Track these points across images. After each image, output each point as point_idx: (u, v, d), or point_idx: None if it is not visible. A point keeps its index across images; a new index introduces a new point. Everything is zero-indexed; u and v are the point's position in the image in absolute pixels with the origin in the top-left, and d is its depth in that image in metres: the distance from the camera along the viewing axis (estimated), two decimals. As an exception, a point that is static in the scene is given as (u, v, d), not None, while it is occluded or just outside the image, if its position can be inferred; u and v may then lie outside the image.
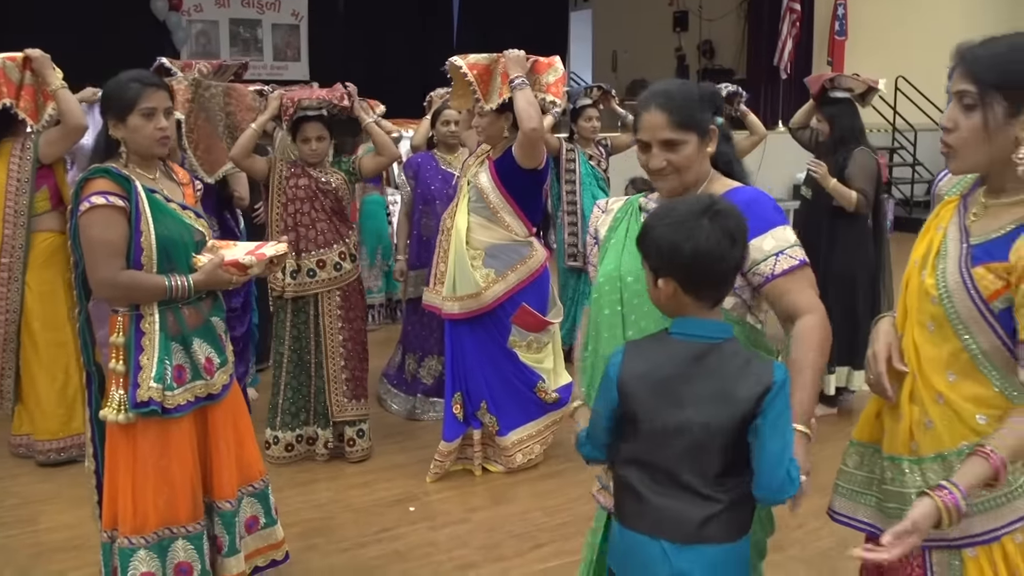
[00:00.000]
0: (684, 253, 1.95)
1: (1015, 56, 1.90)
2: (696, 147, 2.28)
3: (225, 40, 15.65)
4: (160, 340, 3.02)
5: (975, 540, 1.95)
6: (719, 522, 1.98)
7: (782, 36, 13.63)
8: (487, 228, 4.61)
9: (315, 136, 4.75)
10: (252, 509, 3.39)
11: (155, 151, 3.10)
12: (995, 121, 1.86)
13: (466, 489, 4.62)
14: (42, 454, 4.86)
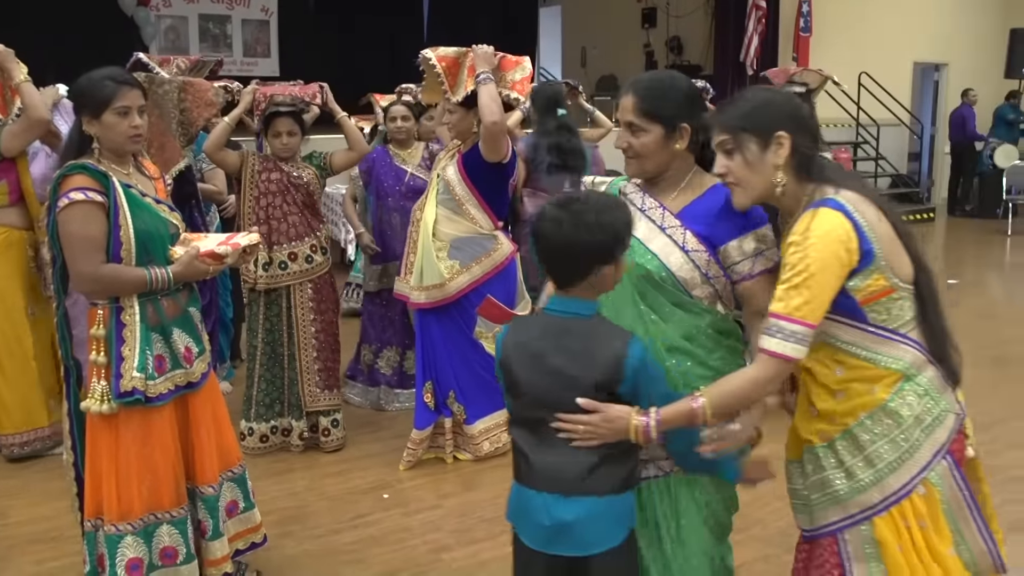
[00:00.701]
0: (538, 241, 2.28)
1: (746, 103, 2.23)
2: (659, 138, 2.38)
3: (194, 36, 15.62)
4: (141, 331, 3.10)
5: (892, 500, 2.15)
6: (597, 476, 2.20)
7: (748, 33, 13.82)
8: (453, 220, 4.71)
9: (286, 131, 4.84)
10: (232, 494, 3.48)
11: (128, 148, 3.17)
12: (751, 156, 2.19)
13: (438, 476, 4.73)
14: (6, 448, 4.87)
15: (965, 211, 15.21)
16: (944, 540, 2.16)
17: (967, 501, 2.19)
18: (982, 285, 10.42)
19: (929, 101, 16.99)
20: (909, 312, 2.19)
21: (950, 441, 2.19)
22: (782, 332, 2.05)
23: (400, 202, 5.57)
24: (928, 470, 2.15)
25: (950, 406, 2.22)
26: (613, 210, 2.23)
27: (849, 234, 2.08)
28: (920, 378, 2.19)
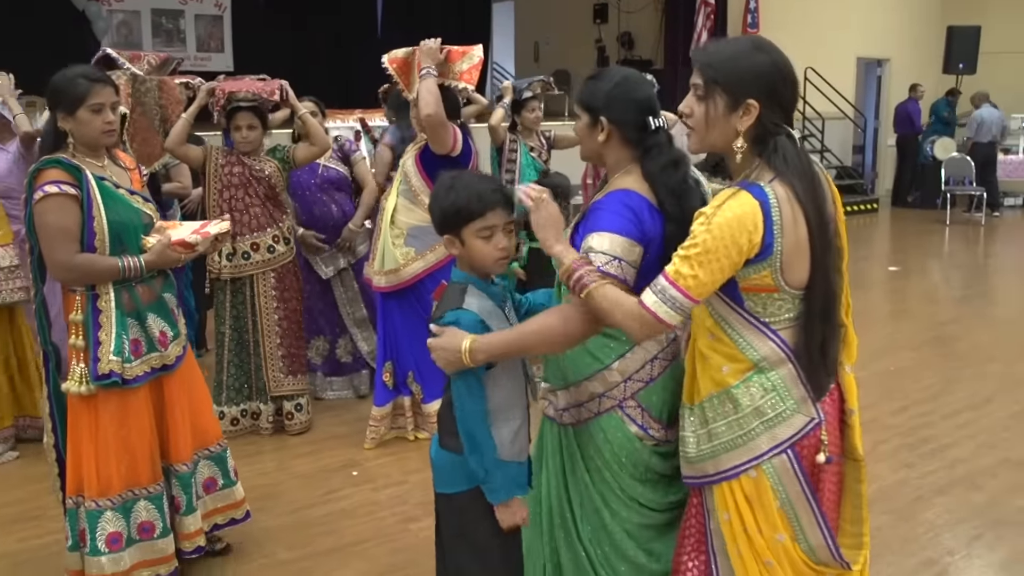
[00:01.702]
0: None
1: (735, 59, 2.21)
2: (585, 127, 2.52)
3: (147, 31, 15.51)
4: (116, 316, 3.28)
5: (725, 475, 2.28)
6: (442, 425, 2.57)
7: (697, 28, 14.13)
8: (410, 210, 4.90)
9: (246, 125, 5.01)
10: (210, 471, 3.67)
11: (103, 142, 3.34)
12: (715, 111, 2.20)
13: (403, 455, 4.93)
14: None
15: (908, 202, 15.65)
16: (770, 525, 2.25)
17: (807, 496, 2.25)
18: (922, 272, 10.80)
19: (873, 95, 17.40)
20: (787, 313, 2.22)
21: (796, 441, 2.23)
22: (664, 294, 2.11)
23: (317, 194, 5.73)
24: (763, 460, 2.23)
25: (800, 408, 2.24)
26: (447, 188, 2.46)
27: (757, 225, 2.10)
28: (772, 374, 2.23)
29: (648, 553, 2.54)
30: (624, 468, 2.51)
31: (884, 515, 4.12)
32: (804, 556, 2.27)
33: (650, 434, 2.49)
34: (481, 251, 2.43)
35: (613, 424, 2.49)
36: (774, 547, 2.26)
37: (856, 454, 2.34)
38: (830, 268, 2.19)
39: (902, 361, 6.64)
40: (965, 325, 7.91)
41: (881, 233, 13.86)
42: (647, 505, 2.54)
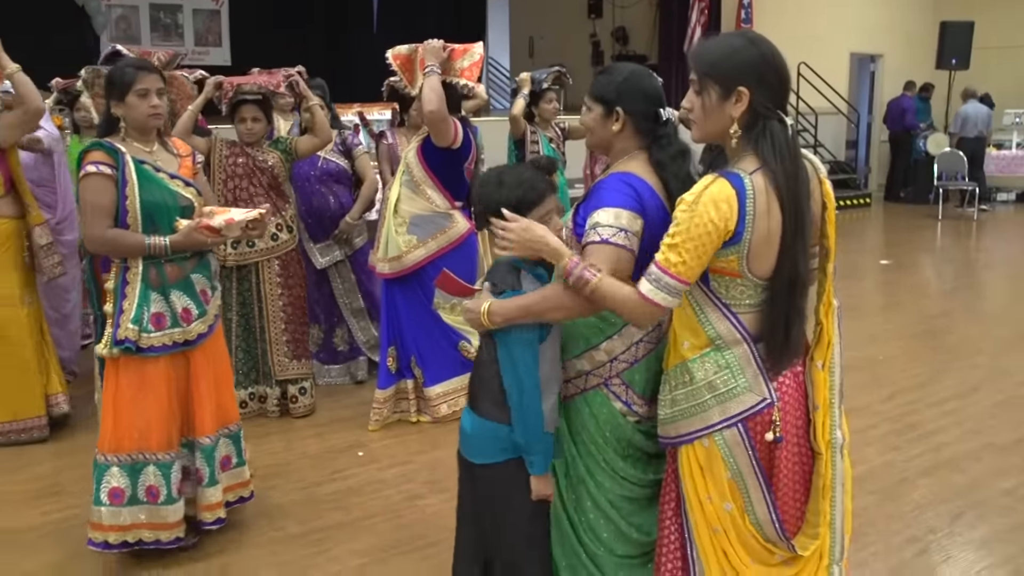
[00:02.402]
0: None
1: (723, 51, 2.36)
2: (599, 117, 2.66)
3: (146, 25, 15.65)
4: (140, 289, 3.54)
5: (683, 439, 2.44)
6: (479, 396, 2.70)
7: (691, 23, 14.31)
8: (412, 199, 5.08)
9: (251, 117, 5.16)
10: (227, 449, 3.86)
11: (150, 125, 3.61)
12: (710, 101, 2.36)
13: (407, 437, 5.09)
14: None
15: (900, 197, 15.84)
16: (720, 494, 2.40)
17: (756, 471, 2.38)
18: (914, 266, 10.96)
19: (866, 91, 17.57)
20: (748, 300, 2.35)
21: (746, 417, 2.36)
22: (659, 282, 2.26)
23: (315, 186, 5.86)
24: (713, 430, 2.38)
25: (752, 387, 2.35)
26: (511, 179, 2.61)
27: (732, 211, 2.23)
28: (727, 352, 2.36)
29: (629, 524, 2.69)
30: (608, 442, 2.66)
31: (870, 495, 4.28)
32: (752, 529, 2.41)
33: (633, 410, 2.64)
34: None
35: (598, 400, 2.65)
36: (722, 516, 2.41)
37: (817, 447, 2.43)
38: (798, 255, 2.30)
39: (891, 351, 6.80)
40: (954, 318, 8.08)
41: (873, 227, 14.03)
42: (629, 479, 2.68)
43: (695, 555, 2.48)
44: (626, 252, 2.47)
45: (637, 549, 2.71)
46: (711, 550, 2.44)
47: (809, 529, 2.47)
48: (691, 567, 2.50)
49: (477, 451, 2.71)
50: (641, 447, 2.68)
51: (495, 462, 2.66)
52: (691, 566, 2.50)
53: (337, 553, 3.81)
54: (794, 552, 2.43)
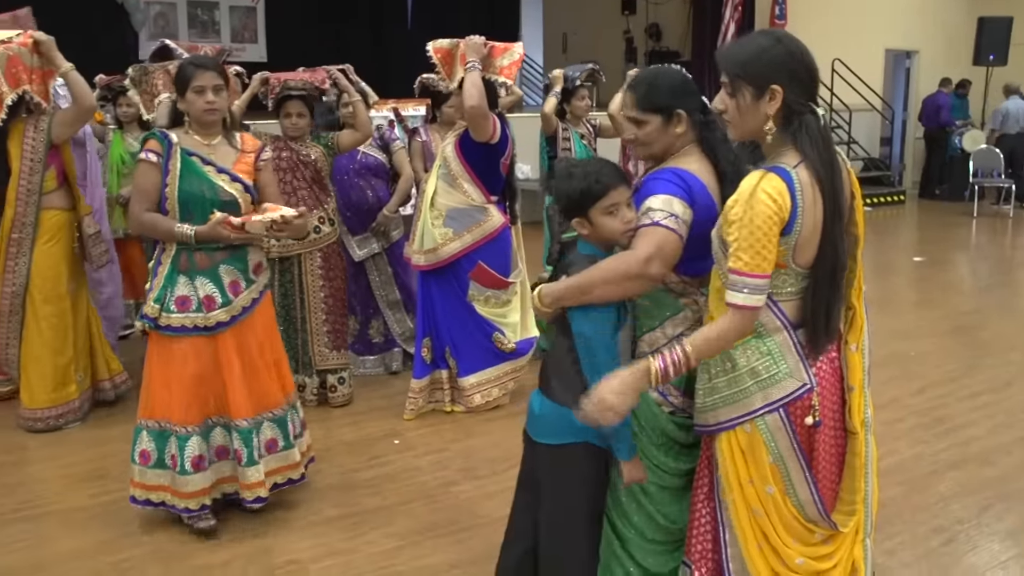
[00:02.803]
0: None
1: (752, 52, 2.43)
2: (659, 127, 2.73)
3: (183, 22, 15.86)
4: (168, 271, 3.82)
5: (723, 426, 2.52)
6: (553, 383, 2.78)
7: (725, 20, 14.28)
8: (449, 192, 5.20)
9: (296, 112, 5.29)
10: (272, 432, 4.00)
11: (206, 119, 3.84)
12: (745, 102, 2.44)
13: (442, 427, 5.21)
14: (29, 421, 5.12)
15: (935, 194, 15.75)
16: (761, 477, 2.49)
17: (797, 454, 2.47)
18: (948, 263, 10.94)
19: (901, 87, 17.47)
20: (789, 287, 2.44)
21: (787, 402, 2.45)
22: (747, 287, 2.33)
23: (353, 179, 5.97)
24: (756, 416, 2.46)
25: (793, 373, 2.46)
26: (581, 171, 2.68)
27: (786, 202, 2.32)
28: (768, 340, 2.44)
29: (660, 513, 2.78)
30: (643, 431, 2.74)
31: (898, 486, 4.33)
32: (794, 510, 2.50)
33: (669, 400, 2.72)
34: (609, 227, 2.64)
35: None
36: (764, 498, 2.49)
37: (852, 427, 2.53)
38: (838, 240, 2.40)
39: (923, 347, 6.81)
40: (988, 314, 8.08)
41: (907, 224, 13.99)
42: (662, 468, 2.77)
43: (727, 538, 2.57)
44: (675, 236, 2.55)
45: (666, 536, 2.79)
46: (750, 532, 2.52)
47: (844, 507, 2.56)
48: (723, 550, 2.59)
49: (542, 431, 2.81)
50: (675, 437, 2.76)
51: (558, 443, 2.77)
52: (723, 549, 2.59)
53: (374, 536, 3.92)
54: (836, 529, 2.54)
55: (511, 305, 5.42)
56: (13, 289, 5.06)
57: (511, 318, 5.41)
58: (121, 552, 3.82)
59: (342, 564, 3.70)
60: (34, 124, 4.99)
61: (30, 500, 4.29)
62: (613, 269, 2.58)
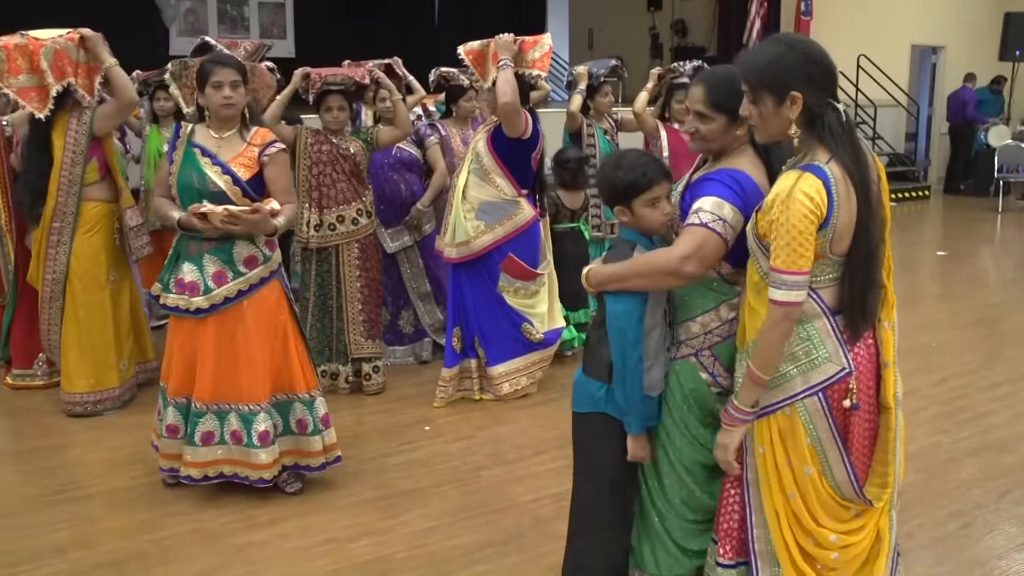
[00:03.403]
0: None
1: (769, 61, 2.55)
2: (723, 125, 2.81)
3: (213, 18, 16.04)
4: (172, 255, 4.17)
5: (764, 411, 2.63)
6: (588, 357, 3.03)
7: (751, 16, 14.31)
8: (481, 186, 5.34)
9: (336, 106, 5.43)
10: (238, 424, 4.12)
11: (223, 114, 4.05)
12: (767, 109, 2.56)
13: (471, 414, 5.35)
14: (69, 405, 5.29)
15: (960, 190, 15.74)
16: (800, 458, 2.61)
17: (835, 437, 2.59)
18: (972, 257, 10.98)
19: (927, 83, 17.45)
20: (827, 275, 2.57)
21: (827, 385, 2.58)
22: (786, 284, 2.46)
23: (388, 173, 6.11)
24: (796, 399, 2.58)
25: (832, 357, 2.58)
26: (628, 162, 2.87)
27: (823, 199, 2.44)
28: (808, 326, 2.58)
29: (703, 490, 2.91)
30: (692, 410, 2.87)
31: (917, 473, 4.42)
32: (830, 490, 2.63)
33: (718, 381, 2.85)
34: (649, 217, 2.84)
35: (687, 370, 2.85)
36: (801, 479, 2.61)
37: (887, 403, 2.65)
38: (872, 228, 2.52)
39: (945, 338, 6.90)
40: (1010, 308, 8.14)
41: (932, 219, 14.02)
42: (706, 446, 2.88)
43: (753, 520, 2.70)
44: (718, 239, 2.67)
45: (706, 515, 2.93)
46: (782, 515, 2.64)
47: (876, 479, 2.68)
48: (748, 531, 2.72)
49: (576, 400, 3.03)
50: (720, 416, 2.86)
51: (585, 412, 2.98)
52: (748, 530, 2.72)
53: (408, 517, 4.07)
54: (870, 505, 2.66)
55: (539, 296, 5.56)
56: (53, 276, 5.23)
57: (539, 309, 5.55)
58: (163, 530, 3.97)
59: (378, 543, 3.85)
60: (77, 116, 5.15)
61: (72, 482, 4.44)
62: (651, 264, 2.75)
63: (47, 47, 4.95)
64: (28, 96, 5.00)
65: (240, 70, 4.05)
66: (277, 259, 4.17)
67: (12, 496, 4.34)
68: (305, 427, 4.24)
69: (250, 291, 4.07)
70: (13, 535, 3.93)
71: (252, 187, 4.08)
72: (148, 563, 3.72)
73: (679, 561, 2.96)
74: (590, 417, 2.97)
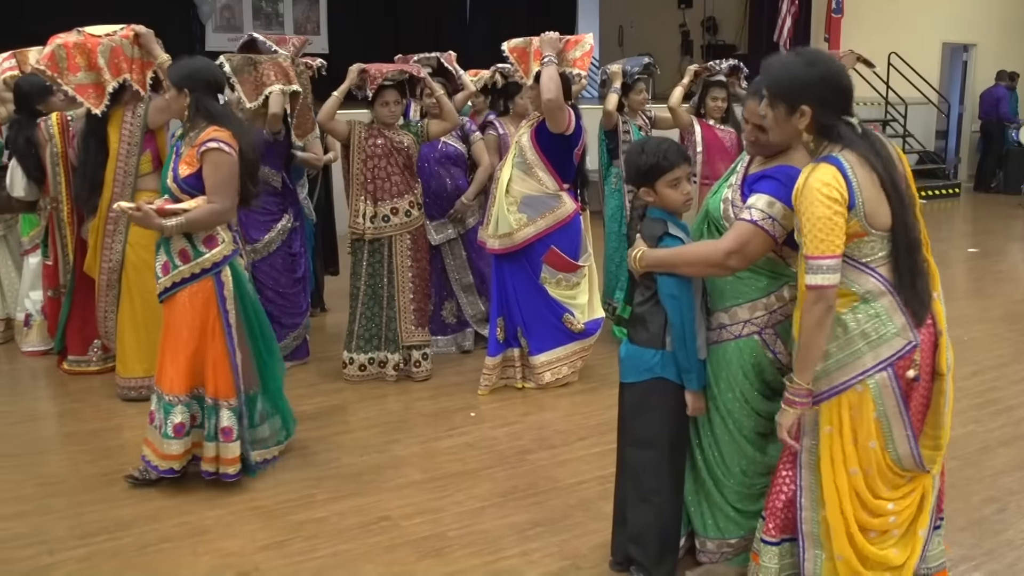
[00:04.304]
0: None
1: (789, 74, 2.80)
2: (782, 116, 2.91)
3: (248, 14, 16.23)
4: None
5: (836, 389, 2.78)
6: (634, 330, 3.26)
7: (782, 13, 14.35)
8: (523, 180, 5.50)
9: (392, 100, 5.59)
10: (182, 416, 4.26)
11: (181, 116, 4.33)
12: (780, 116, 2.82)
13: (515, 401, 5.52)
14: (123, 389, 5.50)
15: (991, 187, 15.75)
16: (866, 433, 2.77)
17: (901, 411, 2.76)
18: (1001, 253, 11.02)
19: (958, 80, 17.43)
20: (880, 252, 2.75)
21: (895, 359, 2.75)
22: (817, 268, 2.66)
23: (434, 167, 6.28)
24: (867, 375, 2.75)
25: (900, 332, 2.75)
26: (651, 149, 3.19)
27: (841, 184, 2.65)
28: (875, 303, 2.75)
29: (763, 453, 3.20)
30: (754, 385, 3.13)
31: (952, 461, 4.50)
32: (891, 463, 2.81)
33: (778, 358, 3.11)
34: (671, 197, 3.17)
35: (751, 346, 3.11)
36: (864, 454, 2.78)
37: (941, 369, 2.83)
38: (908, 216, 2.72)
39: (976, 333, 6.99)
40: (1041, 303, 8.19)
41: (962, 217, 14.03)
42: (762, 415, 3.15)
43: (803, 502, 2.89)
44: (765, 236, 2.92)
45: (761, 479, 3.21)
46: (846, 491, 2.80)
47: (929, 441, 2.86)
48: (797, 512, 2.91)
49: (627, 372, 3.26)
50: (776, 387, 3.13)
51: (638, 381, 3.21)
52: (798, 512, 2.91)
53: (460, 497, 4.23)
54: (926, 471, 2.85)
55: (580, 287, 5.71)
56: (110, 265, 5.44)
57: (580, 299, 5.71)
58: (224, 507, 4.15)
59: (431, 521, 4.02)
60: (132, 110, 5.36)
61: (131, 462, 4.57)
62: (698, 255, 3.02)
63: (104, 44, 5.14)
64: (86, 92, 5.19)
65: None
66: (212, 258, 4.18)
67: (77, 475, 4.54)
68: (204, 429, 4.31)
69: (183, 284, 4.19)
70: (82, 510, 4.13)
71: (193, 184, 4.15)
72: (212, 536, 3.91)
73: (738, 523, 3.26)
74: (643, 385, 3.20)
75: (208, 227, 4.16)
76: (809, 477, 2.88)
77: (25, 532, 3.94)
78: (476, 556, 3.73)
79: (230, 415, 4.25)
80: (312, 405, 5.40)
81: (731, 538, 3.30)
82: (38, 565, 3.68)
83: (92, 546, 3.82)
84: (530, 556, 3.72)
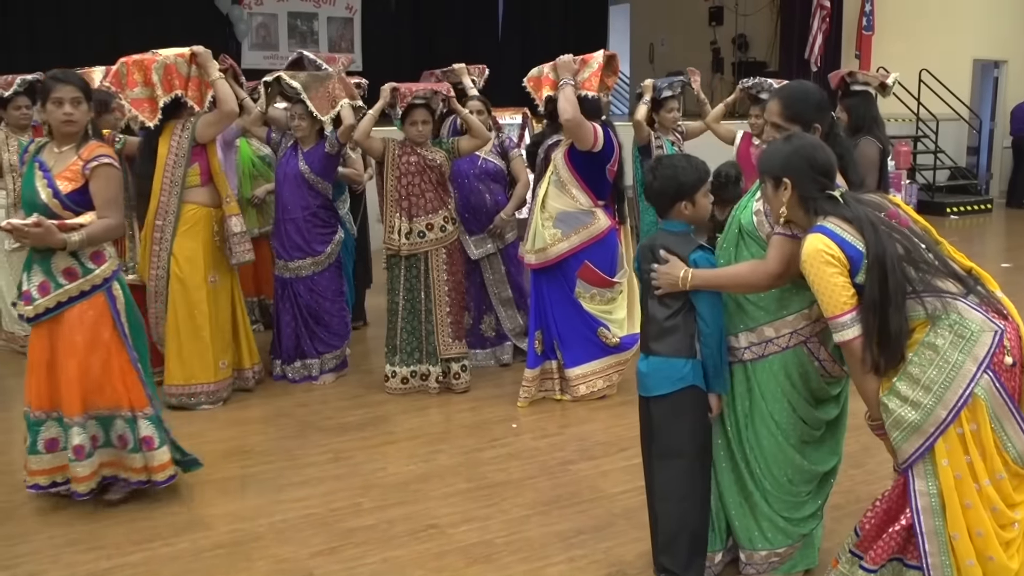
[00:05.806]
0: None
1: (770, 155, 3.06)
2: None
3: (283, 32, 16.46)
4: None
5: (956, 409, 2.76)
6: (660, 343, 3.34)
7: (812, 31, 14.44)
8: (558, 197, 5.62)
9: (421, 120, 5.72)
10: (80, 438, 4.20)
11: (63, 131, 4.13)
12: (769, 191, 3.08)
13: (555, 413, 5.61)
14: (167, 397, 5.57)
15: (1022, 203, 15.70)
16: (990, 442, 2.77)
17: (1008, 405, 2.76)
18: (1035, 270, 11.01)
19: (989, 97, 17.41)
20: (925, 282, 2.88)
21: (991, 355, 2.75)
22: (840, 327, 2.86)
23: (473, 183, 6.38)
24: (975, 383, 2.74)
25: (985, 325, 2.77)
26: (677, 166, 3.34)
27: (831, 247, 2.85)
28: (948, 315, 2.80)
29: (807, 459, 3.32)
30: (800, 393, 3.26)
31: None
32: (1010, 460, 2.80)
33: (823, 366, 3.25)
34: (705, 205, 3.35)
35: (798, 356, 3.24)
36: (991, 463, 2.77)
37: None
38: (886, 261, 2.83)
39: (1012, 349, 6.99)
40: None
41: (995, 232, 14.00)
42: (809, 424, 3.29)
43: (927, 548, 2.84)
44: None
45: (810, 486, 3.35)
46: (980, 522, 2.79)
47: None
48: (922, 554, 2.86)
49: (653, 385, 3.35)
50: (821, 397, 3.30)
51: (669, 392, 3.31)
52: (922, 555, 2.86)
53: (505, 506, 4.32)
54: None
55: (616, 303, 5.80)
56: (158, 272, 5.57)
57: (617, 315, 5.79)
58: (275, 515, 4.26)
59: (478, 528, 4.11)
60: (182, 124, 5.52)
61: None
62: (747, 277, 3.20)
63: (159, 62, 5.31)
64: (141, 107, 5.36)
65: (82, 87, 4.14)
66: (103, 273, 4.16)
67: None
68: (125, 443, 4.30)
69: (69, 303, 4.12)
70: (136, 516, 4.26)
71: (76, 200, 4.09)
72: (265, 543, 4.02)
73: (786, 533, 3.37)
74: (676, 395, 3.30)
75: (102, 242, 4.15)
76: (929, 521, 2.84)
77: (79, 538, 4.06)
78: (524, 563, 3.82)
79: (147, 423, 4.28)
80: (357, 416, 5.53)
81: (779, 548, 3.41)
82: (97, 569, 3.80)
83: (148, 551, 3.94)
84: (576, 563, 3.81)
